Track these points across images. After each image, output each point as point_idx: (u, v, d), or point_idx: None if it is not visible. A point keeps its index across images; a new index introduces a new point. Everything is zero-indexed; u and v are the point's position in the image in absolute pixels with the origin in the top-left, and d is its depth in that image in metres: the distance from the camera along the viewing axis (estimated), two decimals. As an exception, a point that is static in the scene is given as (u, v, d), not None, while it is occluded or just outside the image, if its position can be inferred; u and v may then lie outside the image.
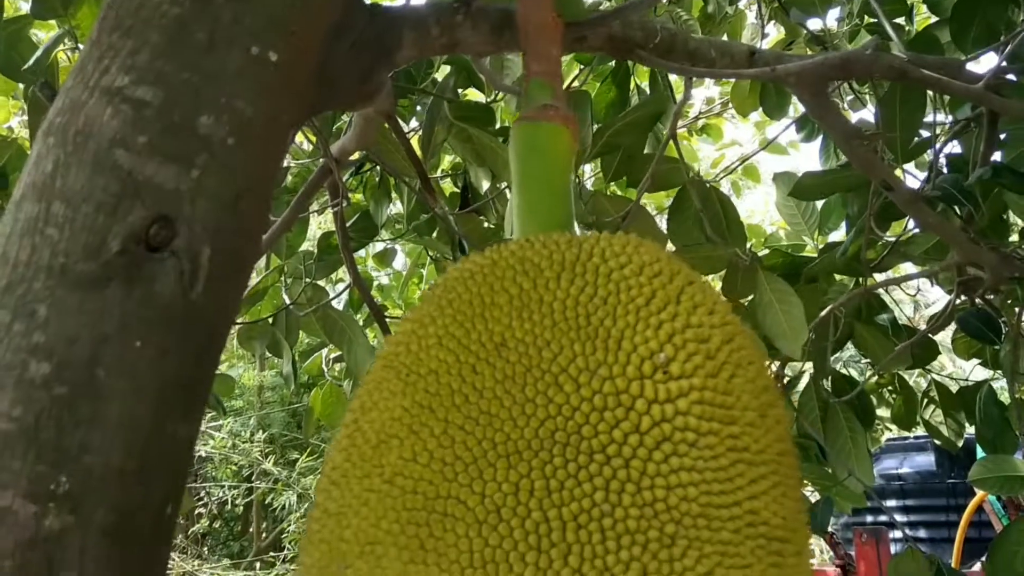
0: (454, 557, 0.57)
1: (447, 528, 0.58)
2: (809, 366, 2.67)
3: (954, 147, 2.38)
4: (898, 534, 4.49)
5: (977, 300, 2.43)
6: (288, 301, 2.78)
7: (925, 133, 2.15)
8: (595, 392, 0.60)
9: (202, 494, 5.49)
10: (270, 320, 2.84)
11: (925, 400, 3.06)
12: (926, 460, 5.57)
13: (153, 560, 0.66)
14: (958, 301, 2.67)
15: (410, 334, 0.68)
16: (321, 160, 2.16)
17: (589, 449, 0.58)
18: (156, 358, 0.66)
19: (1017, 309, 2.33)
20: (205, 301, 0.71)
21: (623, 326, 0.63)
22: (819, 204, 2.83)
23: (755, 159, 4.72)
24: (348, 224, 2.49)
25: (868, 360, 2.85)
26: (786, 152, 4.55)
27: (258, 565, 5.36)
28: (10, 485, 0.59)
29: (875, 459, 5.58)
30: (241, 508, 5.82)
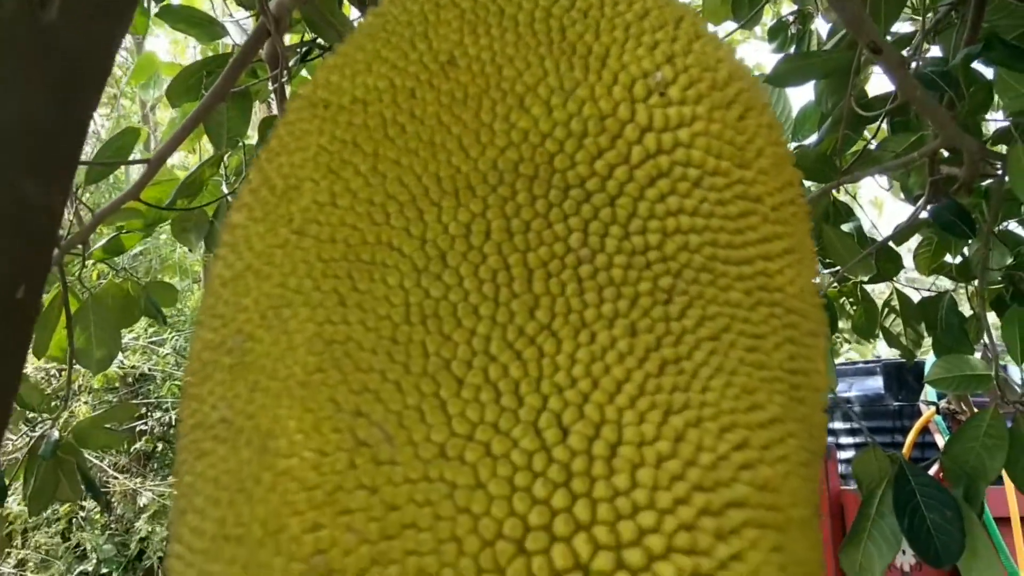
0: (384, 312, 0.43)
1: (375, 279, 0.44)
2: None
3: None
4: (845, 455, 4.56)
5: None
6: (227, 191, 2.58)
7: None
8: (572, 116, 0.45)
9: (144, 411, 5.31)
10: (209, 212, 2.64)
11: (886, 310, 3.02)
12: (875, 384, 5.67)
13: (4, 347, 0.51)
14: (924, 213, 2.60)
15: (332, 68, 0.52)
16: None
17: (563, 184, 0.44)
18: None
19: (991, 206, 2.26)
20: (63, 29, 0.54)
21: (608, 42, 0.48)
22: (795, 111, 2.75)
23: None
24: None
25: (831, 268, 2.79)
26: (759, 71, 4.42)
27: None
28: None
29: (828, 380, 5.63)
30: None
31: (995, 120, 2.76)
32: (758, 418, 0.43)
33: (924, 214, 2.91)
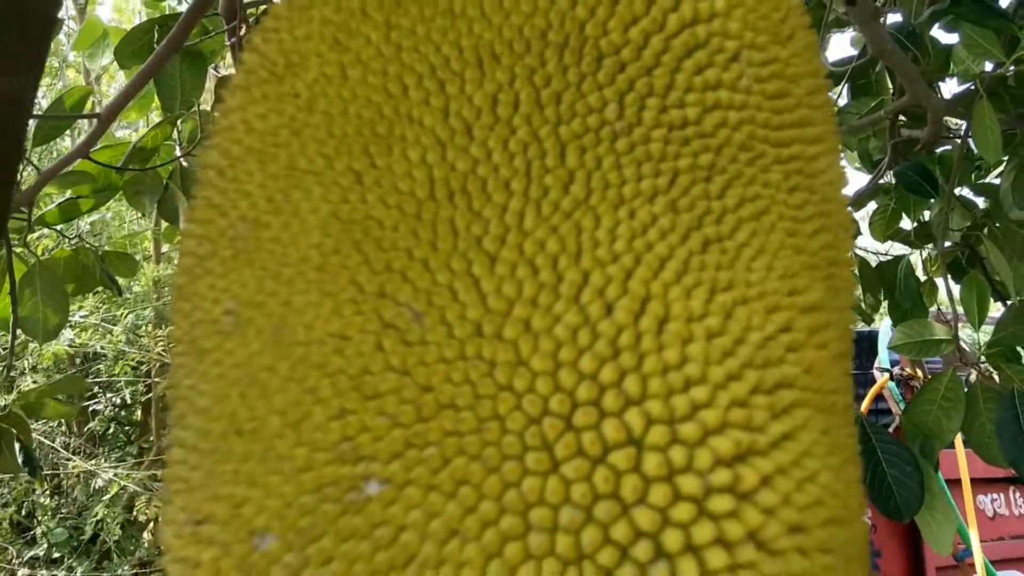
0: (407, 188, 0.39)
1: (395, 154, 0.40)
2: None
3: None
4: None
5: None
6: (180, 153, 2.48)
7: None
8: (600, -19, 0.42)
9: (96, 389, 5.12)
10: (163, 174, 2.54)
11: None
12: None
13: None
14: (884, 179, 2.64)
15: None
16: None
17: (596, 52, 0.41)
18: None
19: (954, 167, 2.29)
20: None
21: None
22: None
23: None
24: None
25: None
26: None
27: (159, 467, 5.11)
28: None
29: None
30: (139, 410, 5.49)
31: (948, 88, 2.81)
32: (800, 302, 0.41)
33: (884, 180, 2.96)
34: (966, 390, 2.11)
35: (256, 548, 0.37)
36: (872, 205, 3.11)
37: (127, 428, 5.57)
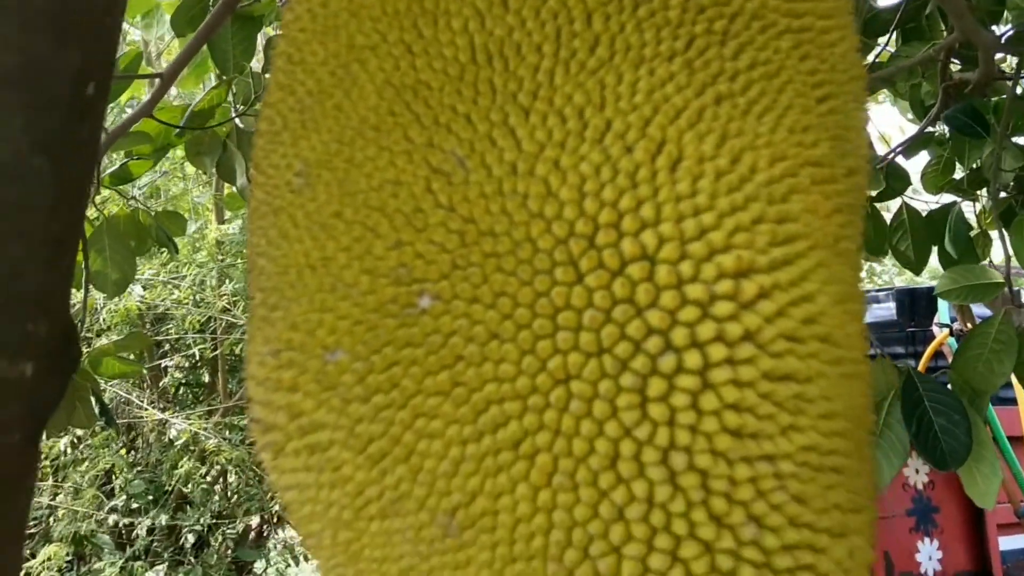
0: (451, 55, 0.45)
1: (440, 25, 0.46)
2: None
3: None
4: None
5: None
6: (235, 112, 2.58)
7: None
8: None
9: (166, 347, 5.37)
10: (222, 132, 2.64)
11: (894, 226, 3.02)
12: (887, 310, 5.69)
13: (77, 132, 0.53)
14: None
15: None
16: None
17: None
18: None
19: (1004, 107, 2.25)
20: None
21: None
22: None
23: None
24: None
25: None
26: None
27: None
28: None
29: (836, 310, 5.66)
30: (206, 371, 5.73)
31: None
32: (805, 154, 0.45)
33: (937, 130, 2.90)
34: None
35: (328, 362, 0.44)
36: (925, 157, 3.05)
37: (195, 389, 5.83)
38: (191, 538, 5.20)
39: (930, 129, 2.77)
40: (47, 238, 0.48)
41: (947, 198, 3.02)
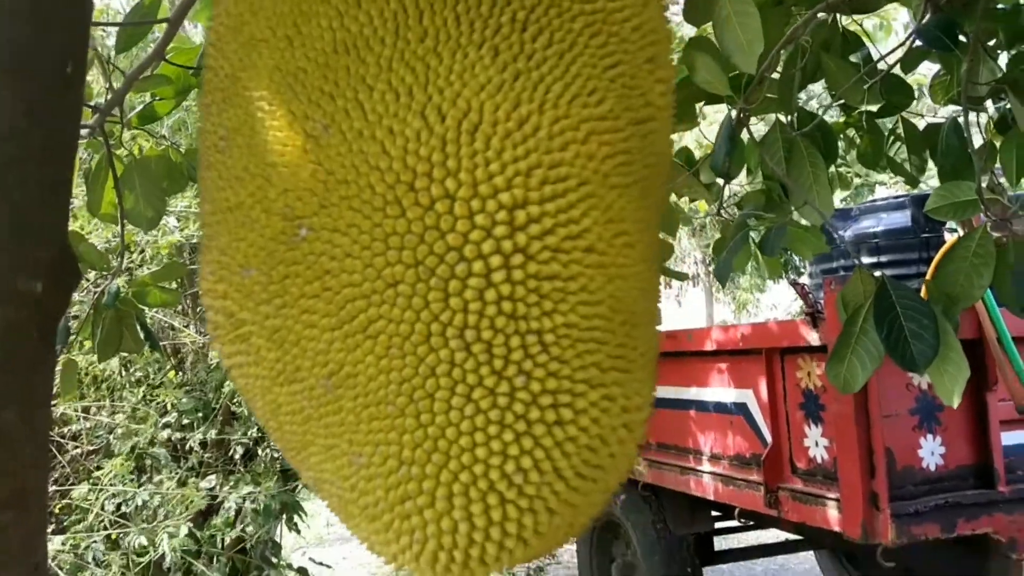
0: (319, 47, 0.61)
1: (312, 23, 0.62)
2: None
3: None
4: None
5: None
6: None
7: None
8: None
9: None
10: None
11: (891, 138, 3.06)
12: (902, 218, 5.69)
13: (60, 104, 0.70)
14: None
15: None
16: None
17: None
18: None
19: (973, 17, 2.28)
20: None
21: None
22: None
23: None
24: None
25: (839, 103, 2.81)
26: None
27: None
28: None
29: (853, 219, 5.68)
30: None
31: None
32: (589, 113, 0.61)
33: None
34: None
35: (244, 276, 0.62)
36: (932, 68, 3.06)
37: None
38: (239, 450, 5.59)
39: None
40: (42, 184, 0.66)
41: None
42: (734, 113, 2.35)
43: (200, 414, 5.54)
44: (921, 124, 3.06)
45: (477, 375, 0.55)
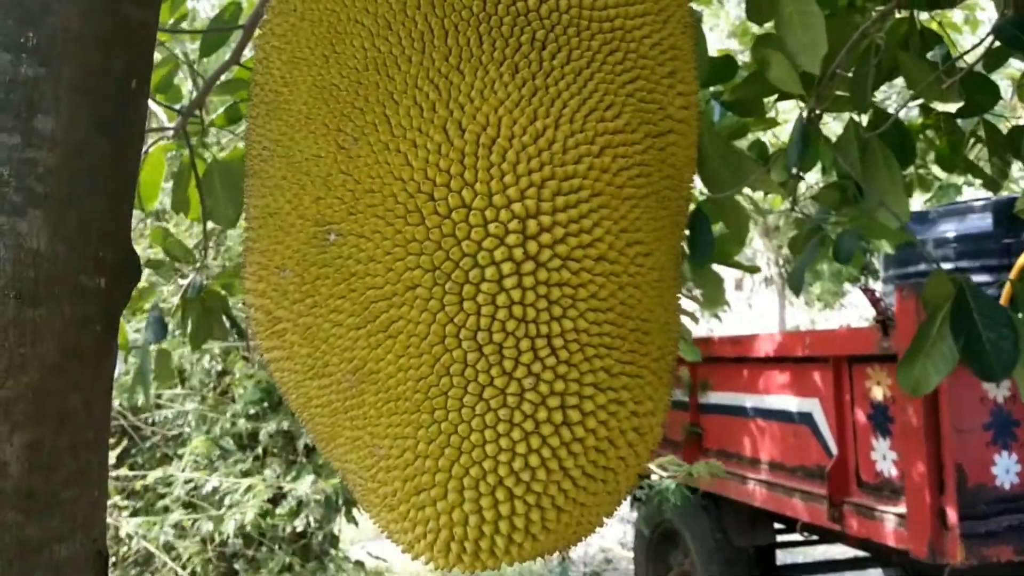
0: (352, 65, 0.66)
1: (346, 43, 0.66)
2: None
3: None
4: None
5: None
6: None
7: None
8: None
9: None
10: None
11: (972, 139, 2.95)
12: (984, 223, 5.45)
13: (126, 117, 0.77)
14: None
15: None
16: None
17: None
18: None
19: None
20: None
21: None
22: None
23: None
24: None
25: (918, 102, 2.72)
26: None
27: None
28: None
29: (931, 222, 5.46)
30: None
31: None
32: (601, 127, 0.63)
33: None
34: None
35: (281, 277, 0.67)
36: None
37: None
38: (303, 442, 5.75)
39: None
40: (109, 191, 0.73)
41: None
42: (806, 112, 2.31)
43: (266, 404, 5.72)
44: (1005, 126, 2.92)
45: (488, 375, 0.59)
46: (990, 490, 3.20)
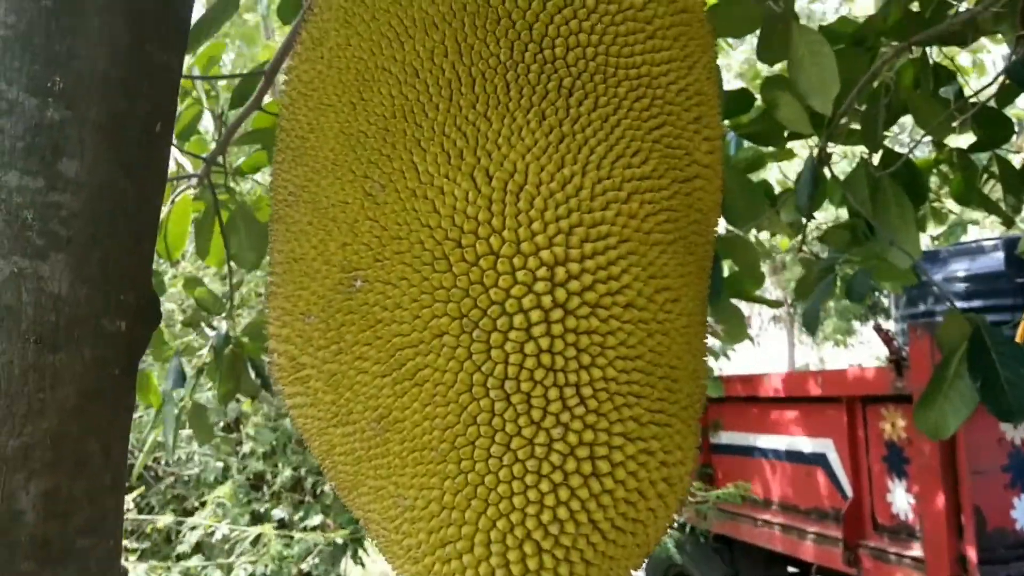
0: (379, 112, 0.66)
1: (374, 90, 0.66)
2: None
3: None
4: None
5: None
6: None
7: None
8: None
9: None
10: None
11: (985, 175, 2.94)
12: (995, 262, 5.43)
13: (149, 159, 0.77)
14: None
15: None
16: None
17: (495, 16, 0.65)
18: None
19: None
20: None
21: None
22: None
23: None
24: None
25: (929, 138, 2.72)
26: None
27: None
28: (14, 81, 0.70)
29: (942, 261, 5.44)
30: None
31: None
32: (628, 173, 0.63)
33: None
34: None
35: (306, 323, 0.67)
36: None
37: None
38: (310, 481, 5.69)
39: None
40: (131, 234, 0.73)
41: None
42: (815, 151, 2.31)
43: (273, 444, 5.67)
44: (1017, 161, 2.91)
45: (516, 425, 0.57)
46: (1010, 534, 3.14)
